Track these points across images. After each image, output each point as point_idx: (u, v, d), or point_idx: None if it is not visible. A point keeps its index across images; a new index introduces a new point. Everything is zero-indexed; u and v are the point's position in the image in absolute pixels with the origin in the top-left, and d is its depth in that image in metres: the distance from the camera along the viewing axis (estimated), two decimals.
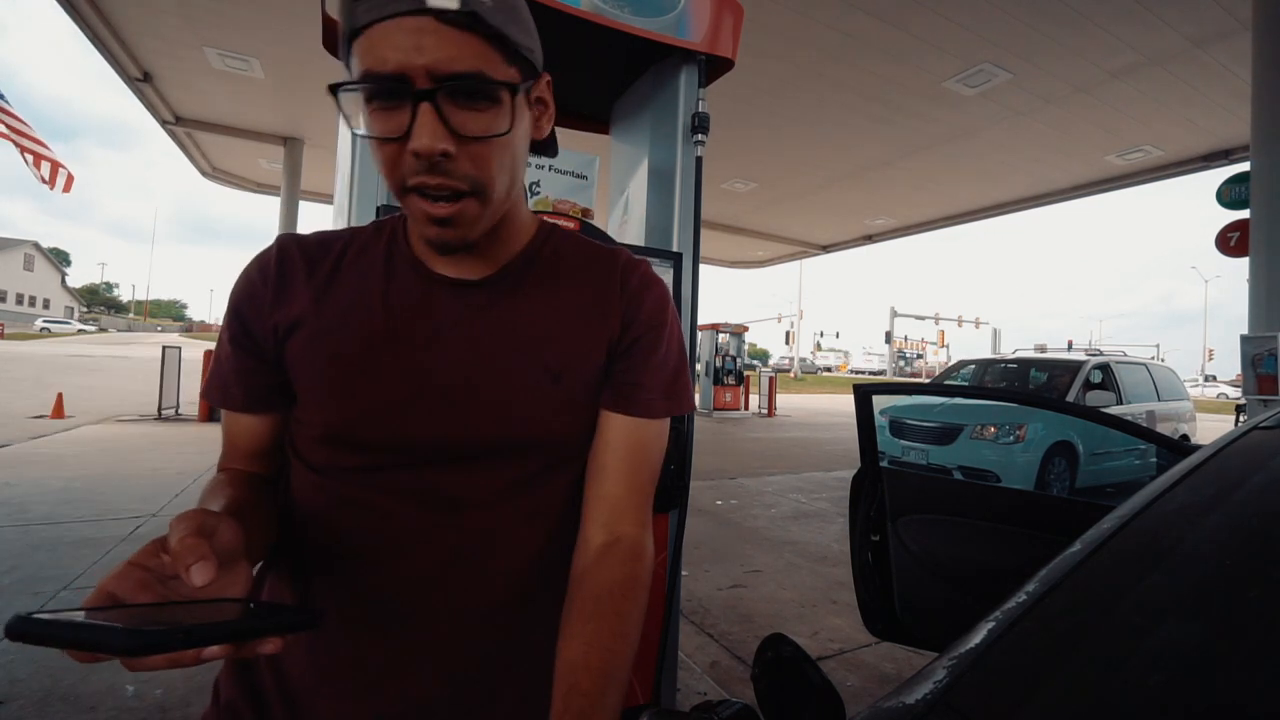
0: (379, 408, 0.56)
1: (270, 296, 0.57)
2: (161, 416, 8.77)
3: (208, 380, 0.62)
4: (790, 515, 5.19)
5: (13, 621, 0.31)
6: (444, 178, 0.49)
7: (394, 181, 0.51)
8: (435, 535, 0.57)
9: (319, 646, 0.58)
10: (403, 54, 0.46)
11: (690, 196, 1.70)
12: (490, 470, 0.58)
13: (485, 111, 0.49)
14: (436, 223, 0.51)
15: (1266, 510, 0.60)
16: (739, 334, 15.56)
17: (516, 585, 0.60)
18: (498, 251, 0.60)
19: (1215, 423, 15.46)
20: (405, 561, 0.57)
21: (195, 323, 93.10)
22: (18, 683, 2.10)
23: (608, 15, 1.52)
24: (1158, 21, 5.49)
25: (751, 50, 6.06)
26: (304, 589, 0.60)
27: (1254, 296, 4.44)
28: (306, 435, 0.59)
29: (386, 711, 0.57)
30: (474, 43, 0.47)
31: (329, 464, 0.58)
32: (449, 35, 0.46)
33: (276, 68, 7.30)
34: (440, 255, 0.58)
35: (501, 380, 0.57)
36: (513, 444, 0.58)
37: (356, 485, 0.57)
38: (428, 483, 0.57)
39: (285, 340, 0.57)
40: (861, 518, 1.64)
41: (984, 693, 0.47)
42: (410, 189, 0.50)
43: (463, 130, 0.48)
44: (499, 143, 0.51)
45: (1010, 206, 11.46)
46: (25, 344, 26.62)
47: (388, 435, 0.56)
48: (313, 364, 0.56)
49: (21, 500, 4.30)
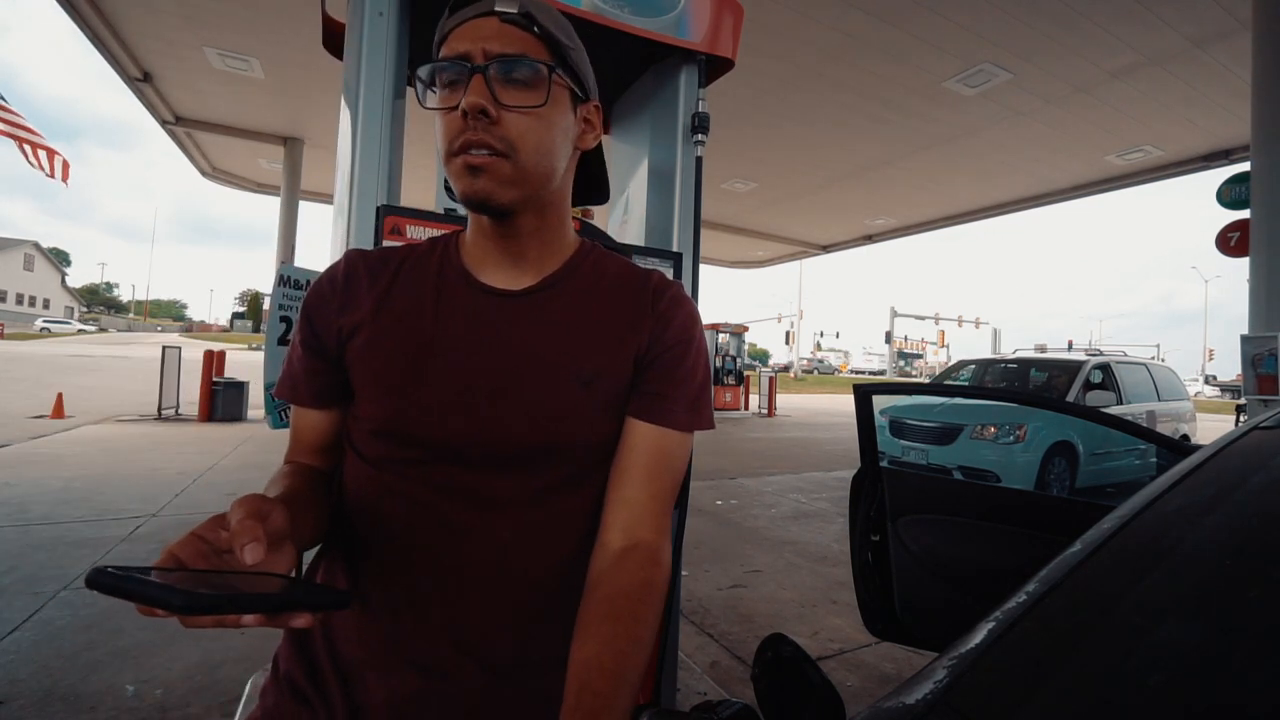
0: (425, 407, 0.61)
1: (337, 303, 0.65)
2: (161, 416, 8.77)
3: (281, 378, 0.69)
4: (790, 515, 5.19)
5: (92, 573, 0.37)
6: (484, 135, 0.57)
7: (447, 147, 0.59)
8: (474, 530, 0.61)
9: (366, 626, 0.62)
10: (468, 44, 0.57)
11: (690, 196, 1.70)
12: (525, 471, 0.62)
13: (525, 89, 0.59)
14: (470, 171, 0.58)
15: (1266, 510, 0.60)
16: (739, 334, 15.57)
17: (547, 584, 0.63)
18: (542, 264, 0.66)
19: (1210, 423, 15.47)
20: (445, 553, 0.61)
21: (195, 323, 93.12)
22: (18, 683, 2.10)
23: (608, 15, 1.52)
24: (1158, 21, 5.50)
25: (752, 50, 6.07)
26: (353, 572, 0.65)
27: (1254, 296, 4.44)
28: (362, 430, 0.64)
29: (426, 690, 0.61)
30: (527, 38, 0.59)
31: (382, 457, 0.63)
32: (507, 30, 0.58)
33: (276, 68, 7.30)
34: (492, 228, 0.64)
35: (536, 384, 0.62)
36: (545, 446, 0.62)
37: (405, 478, 0.62)
38: (469, 480, 0.62)
39: (347, 342, 0.64)
40: (861, 518, 1.64)
41: (984, 693, 0.47)
42: (457, 151, 0.58)
43: (503, 99, 0.58)
44: (533, 115, 0.59)
45: (1010, 206, 11.46)
46: (25, 344, 26.63)
47: (432, 433, 0.61)
48: (369, 364, 0.63)
49: (21, 500, 4.30)
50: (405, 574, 0.62)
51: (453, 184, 0.61)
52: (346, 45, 1.58)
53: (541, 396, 0.62)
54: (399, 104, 1.43)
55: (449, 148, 0.58)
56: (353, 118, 1.40)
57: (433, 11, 1.61)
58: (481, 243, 0.65)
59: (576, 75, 0.64)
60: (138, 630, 2.53)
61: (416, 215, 1.37)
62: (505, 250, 0.65)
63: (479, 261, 0.66)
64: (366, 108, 1.36)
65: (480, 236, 0.65)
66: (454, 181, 0.60)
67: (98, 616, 2.63)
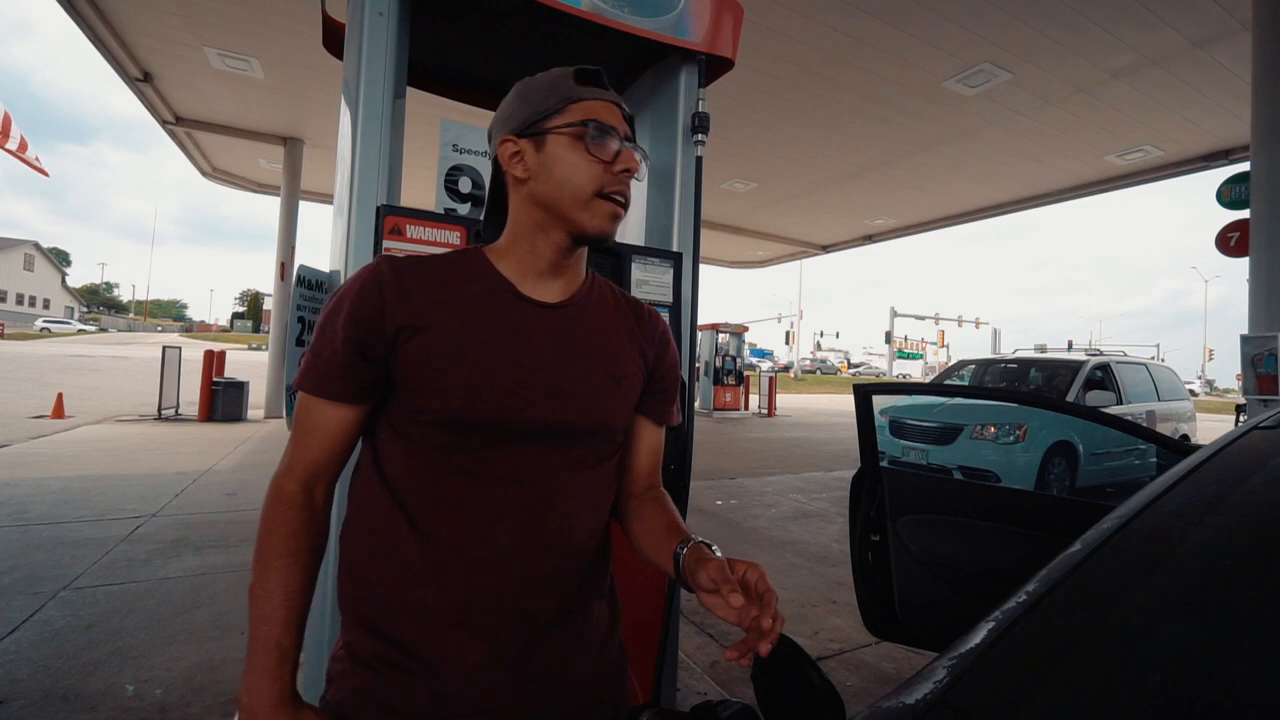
0: (494, 398, 0.71)
1: (392, 304, 0.70)
2: (161, 416, 8.77)
3: (304, 373, 0.72)
4: (790, 515, 5.19)
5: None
6: (626, 189, 0.76)
7: (594, 187, 0.73)
8: (525, 502, 0.73)
9: (429, 588, 0.71)
10: (610, 117, 0.75)
11: (690, 196, 1.70)
12: (567, 450, 0.76)
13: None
14: (614, 219, 0.75)
15: (1266, 510, 0.60)
16: (739, 334, 15.56)
17: (588, 546, 0.78)
18: (570, 283, 0.80)
19: (1208, 423, 15.45)
20: (500, 521, 0.71)
21: (195, 323, 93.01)
22: (18, 683, 2.10)
23: (608, 15, 1.52)
24: (1158, 21, 5.49)
25: (752, 50, 6.07)
26: (411, 543, 0.72)
27: (1254, 296, 4.44)
28: (423, 419, 0.71)
29: (480, 646, 0.70)
30: (629, 129, 0.78)
31: (445, 444, 0.71)
32: (625, 122, 0.77)
33: (276, 68, 7.30)
34: (594, 245, 0.79)
35: (582, 380, 0.76)
36: (593, 429, 0.77)
37: (476, 459, 0.72)
38: (521, 459, 0.73)
39: (405, 342, 0.70)
40: (861, 518, 1.64)
41: (984, 693, 0.47)
42: (605, 195, 0.74)
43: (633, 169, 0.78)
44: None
45: (1010, 206, 11.46)
46: (25, 344, 26.62)
47: (499, 419, 0.71)
48: (435, 362, 0.70)
49: (21, 500, 4.30)
50: (480, 542, 0.71)
51: (587, 220, 0.74)
52: (346, 45, 1.58)
53: (588, 390, 0.76)
54: (399, 104, 1.43)
55: (596, 189, 0.73)
56: (353, 118, 1.40)
57: (433, 11, 1.61)
58: (530, 261, 0.77)
59: None
60: (138, 630, 2.54)
61: (416, 215, 1.37)
62: (553, 269, 0.77)
63: (519, 277, 0.77)
64: (366, 108, 1.36)
65: (532, 256, 0.77)
66: (591, 218, 0.74)
67: (98, 616, 2.64)
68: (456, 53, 1.89)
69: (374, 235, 1.33)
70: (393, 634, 0.71)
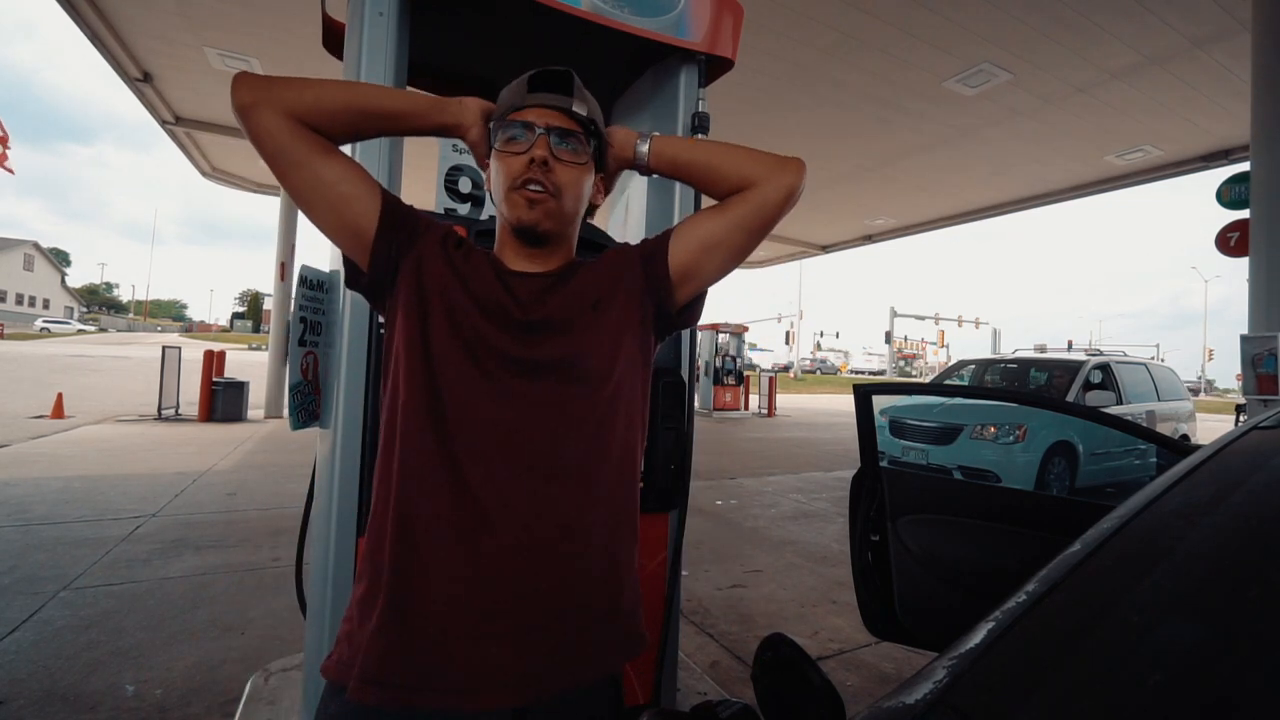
0: (489, 337, 0.81)
1: (431, 241, 0.85)
2: (161, 417, 8.77)
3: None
4: (790, 515, 5.19)
5: None
6: (542, 178, 0.81)
7: (508, 182, 0.82)
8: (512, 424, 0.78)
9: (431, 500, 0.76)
10: (540, 118, 0.82)
11: (690, 196, 1.70)
12: (547, 378, 0.81)
13: (573, 151, 0.84)
14: (529, 204, 0.81)
15: (1266, 510, 0.60)
16: (739, 334, 15.55)
17: (575, 466, 0.80)
18: (556, 261, 0.89)
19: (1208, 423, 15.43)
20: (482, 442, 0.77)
21: (195, 323, 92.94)
22: (18, 683, 2.10)
23: (608, 15, 1.52)
24: (1158, 22, 5.49)
25: (752, 50, 6.06)
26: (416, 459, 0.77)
27: (1254, 296, 4.44)
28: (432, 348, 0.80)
29: (488, 605, 0.74)
30: (579, 127, 0.84)
31: (455, 377, 0.78)
32: (568, 120, 0.83)
33: (276, 68, 7.29)
34: (522, 240, 0.86)
35: (556, 313, 0.83)
36: (561, 355, 0.82)
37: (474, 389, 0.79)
38: (503, 387, 0.79)
39: (413, 265, 0.83)
40: (861, 518, 1.64)
41: (984, 693, 0.47)
42: (519, 185, 0.81)
43: (559, 156, 0.82)
44: (577, 170, 0.84)
45: (1010, 206, 11.45)
46: (25, 344, 26.62)
47: (478, 348, 0.80)
48: (425, 290, 0.82)
49: (21, 500, 4.30)
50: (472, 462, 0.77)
51: (508, 212, 0.83)
52: (346, 45, 1.58)
53: (562, 321, 0.83)
54: None
55: (511, 183, 0.81)
56: None
57: (432, 11, 1.61)
58: (510, 250, 0.88)
59: (600, 152, 0.89)
60: (138, 630, 2.54)
61: None
62: (527, 259, 0.87)
63: (506, 257, 0.89)
64: None
65: (510, 250, 0.87)
66: (510, 210, 0.82)
67: (98, 616, 2.64)
68: (456, 52, 1.89)
69: None
70: (401, 549, 0.75)
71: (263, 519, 4.19)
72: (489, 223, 1.50)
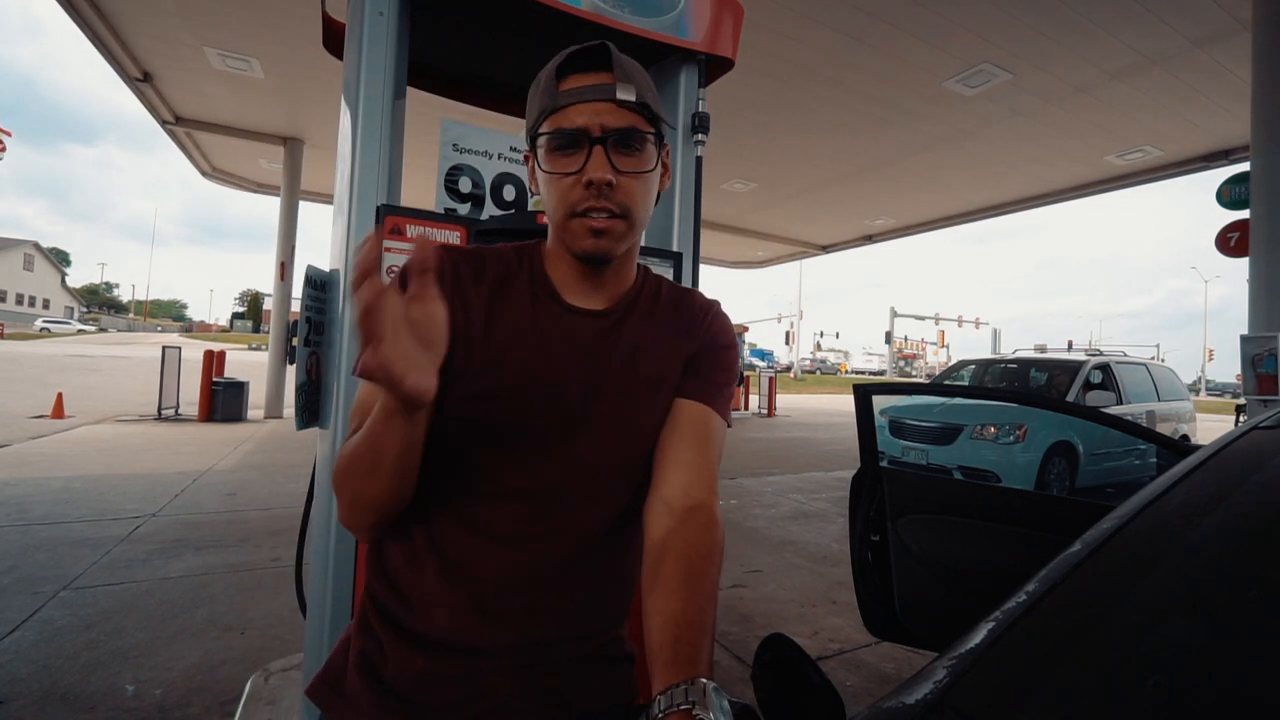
0: (527, 406, 0.69)
1: (450, 287, 0.69)
2: (161, 417, 8.77)
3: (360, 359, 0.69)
4: (790, 515, 5.19)
5: None
6: (606, 202, 0.66)
7: (564, 209, 0.67)
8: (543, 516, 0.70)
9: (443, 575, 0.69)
10: (586, 118, 0.65)
11: (690, 196, 1.70)
12: (599, 463, 0.72)
13: (636, 155, 0.68)
14: (594, 234, 0.67)
15: (1266, 510, 0.60)
16: (739, 334, 15.56)
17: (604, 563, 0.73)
18: (615, 287, 0.75)
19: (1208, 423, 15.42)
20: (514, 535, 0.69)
21: (195, 323, 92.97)
22: (18, 682, 2.10)
23: (608, 15, 1.52)
24: (1158, 22, 5.49)
25: (752, 50, 6.06)
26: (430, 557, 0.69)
27: (1254, 296, 4.44)
28: (456, 416, 0.68)
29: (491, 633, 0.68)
30: (633, 114, 0.67)
31: (469, 448, 0.69)
32: (619, 111, 0.66)
33: (276, 68, 7.30)
34: (587, 271, 0.73)
35: (617, 389, 0.72)
36: (620, 439, 0.72)
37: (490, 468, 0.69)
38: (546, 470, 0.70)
39: (463, 338, 0.68)
40: (861, 518, 1.64)
41: (984, 693, 0.47)
42: (578, 214, 0.67)
43: (621, 167, 0.66)
44: (644, 178, 0.69)
45: (1010, 206, 11.46)
46: (25, 344, 26.62)
47: (530, 426, 0.69)
48: (474, 363, 0.68)
49: (21, 500, 4.30)
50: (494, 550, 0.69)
51: (568, 241, 0.69)
52: (346, 45, 1.58)
53: (625, 400, 0.72)
54: (399, 104, 1.43)
55: (569, 210, 0.67)
56: (353, 118, 1.40)
57: (433, 11, 1.61)
58: (567, 270, 0.73)
59: (662, 134, 0.72)
60: (137, 630, 2.54)
61: (416, 215, 1.37)
62: (589, 277, 0.73)
63: (563, 282, 0.74)
64: (366, 108, 1.36)
65: (566, 265, 0.73)
66: (571, 240, 0.69)
67: (98, 616, 2.64)
68: (456, 53, 1.89)
69: None
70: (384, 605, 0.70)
71: (263, 519, 4.19)
72: (490, 223, 1.50)
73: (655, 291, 0.80)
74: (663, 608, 0.59)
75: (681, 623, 0.58)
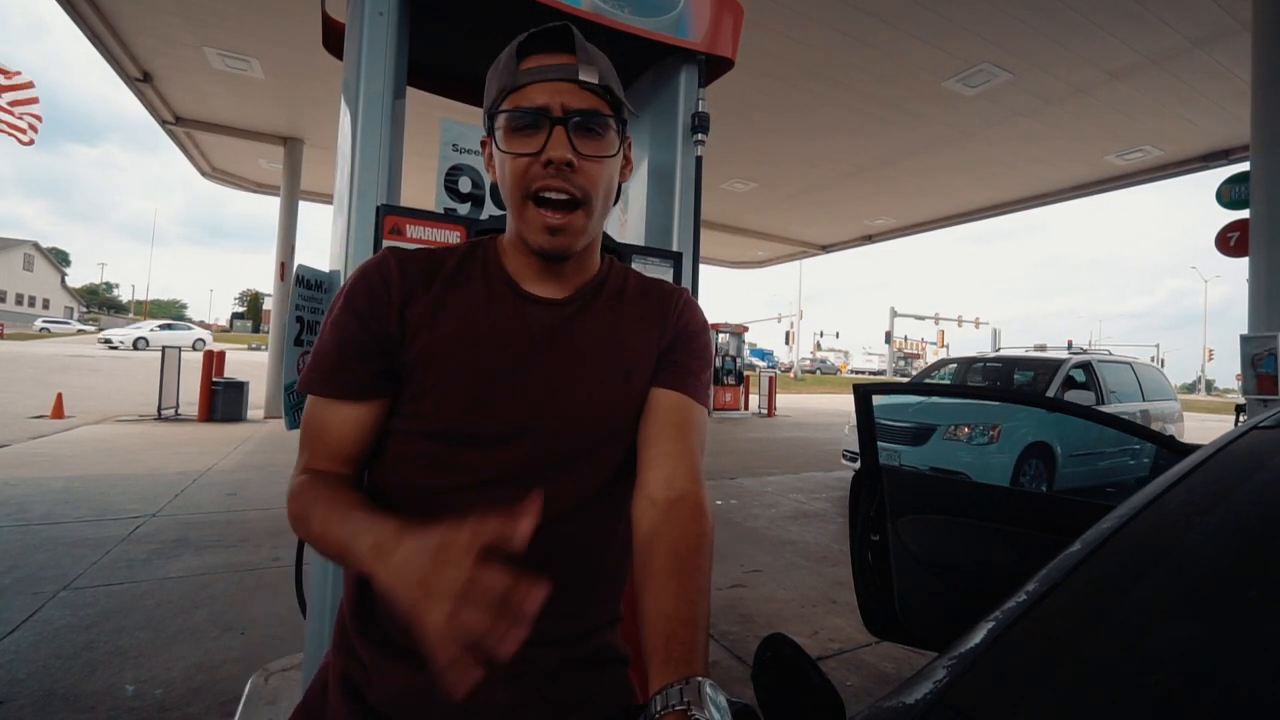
0: (489, 404, 0.67)
1: (397, 296, 0.67)
2: (161, 417, 8.77)
3: (307, 373, 0.68)
4: (790, 515, 5.19)
5: None
6: (565, 183, 0.64)
7: (520, 191, 0.65)
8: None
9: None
10: (547, 97, 0.64)
11: (690, 196, 1.70)
12: (572, 454, 0.69)
13: (598, 139, 0.66)
14: (550, 231, 0.65)
15: (1266, 510, 0.60)
16: (739, 334, 15.56)
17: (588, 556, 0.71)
18: (576, 277, 0.73)
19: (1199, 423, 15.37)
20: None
21: (195, 323, 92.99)
22: (18, 682, 2.10)
23: (608, 15, 1.52)
24: (1157, 22, 5.49)
25: (752, 50, 6.06)
26: None
27: (1254, 296, 4.44)
28: (419, 427, 0.67)
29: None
30: (595, 97, 0.66)
31: (435, 447, 0.67)
32: (581, 92, 0.65)
33: (276, 68, 7.30)
34: (546, 263, 0.70)
35: (586, 380, 0.70)
36: (591, 431, 0.70)
37: (457, 464, 0.67)
38: (518, 464, 0.67)
39: (409, 338, 0.66)
40: (861, 518, 1.64)
41: (984, 693, 0.47)
42: (533, 195, 0.65)
43: (582, 150, 0.65)
44: (605, 163, 0.67)
45: (1010, 206, 11.46)
46: (25, 344, 26.61)
47: (498, 427, 0.67)
48: (435, 363, 0.66)
49: (21, 500, 4.30)
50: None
51: (525, 233, 0.67)
52: (346, 45, 1.58)
53: (589, 390, 0.70)
54: (399, 104, 1.43)
55: (525, 191, 0.65)
56: (353, 118, 1.40)
57: (433, 11, 1.61)
58: (524, 259, 0.71)
59: (624, 121, 0.70)
60: (138, 630, 2.53)
61: (416, 215, 1.37)
62: (548, 269, 0.71)
63: (520, 272, 0.72)
64: (366, 108, 1.36)
65: (524, 255, 0.71)
66: (528, 232, 0.66)
67: (98, 616, 2.63)
68: (456, 52, 1.89)
69: (374, 235, 1.34)
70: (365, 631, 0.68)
71: (263, 519, 4.19)
72: (490, 222, 1.50)
73: (621, 280, 0.78)
74: (654, 606, 0.59)
75: (674, 620, 0.57)
